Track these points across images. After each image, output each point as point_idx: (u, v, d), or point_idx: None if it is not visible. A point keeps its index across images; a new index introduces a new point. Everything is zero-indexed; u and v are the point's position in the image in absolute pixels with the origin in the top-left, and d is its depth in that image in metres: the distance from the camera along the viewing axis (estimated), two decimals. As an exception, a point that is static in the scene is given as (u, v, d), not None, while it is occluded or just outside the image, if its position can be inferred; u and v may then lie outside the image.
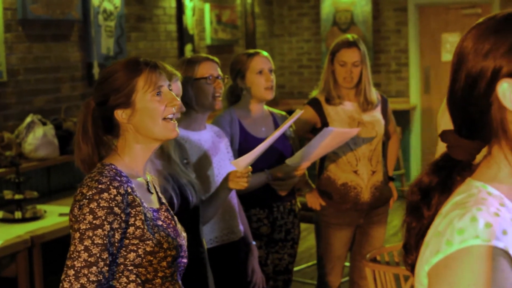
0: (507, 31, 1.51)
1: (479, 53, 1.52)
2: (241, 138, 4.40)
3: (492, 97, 1.50)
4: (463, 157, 1.57)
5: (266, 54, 4.57)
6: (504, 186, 1.51)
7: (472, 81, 1.52)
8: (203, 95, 3.96)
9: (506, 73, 1.49)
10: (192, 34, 9.03)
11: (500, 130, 1.50)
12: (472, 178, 1.55)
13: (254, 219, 4.48)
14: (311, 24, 11.15)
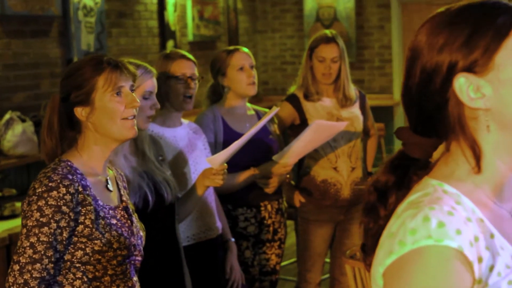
0: (462, 24, 1.47)
1: (433, 47, 1.48)
2: (225, 135, 4.35)
3: (449, 92, 1.46)
4: (419, 155, 1.54)
5: (246, 50, 4.52)
6: (462, 184, 1.48)
7: (427, 76, 1.48)
8: (174, 94, 3.92)
9: (463, 67, 1.45)
10: (174, 30, 8.98)
11: (458, 126, 1.47)
12: (429, 176, 1.51)
13: (241, 219, 4.43)
14: (294, 20, 11.12)
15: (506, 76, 1.44)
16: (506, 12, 1.48)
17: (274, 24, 11.24)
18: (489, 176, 1.49)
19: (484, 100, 1.45)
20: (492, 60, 1.44)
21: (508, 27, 1.46)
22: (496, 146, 1.47)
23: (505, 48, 1.45)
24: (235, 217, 4.39)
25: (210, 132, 4.28)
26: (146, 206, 3.23)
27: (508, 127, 1.46)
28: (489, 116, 1.45)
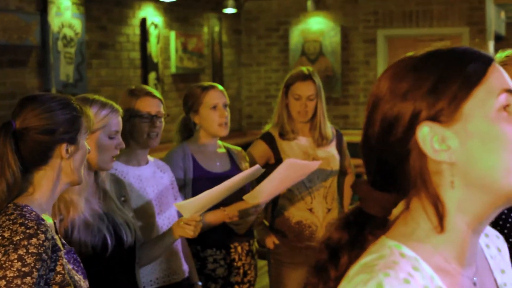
0: (429, 69, 1.34)
1: (396, 93, 1.35)
2: (195, 173, 4.21)
3: (411, 143, 1.33)
4: (377, 212, 1.39)
5: (221, 88, 4.38)
6: (421, 246, 1.34)
7: (388, 125, 1.34)
8: (138, 132, 3.79)
9: (427, 116, 1.32)
10: (157, 62, 8.88)
11: (420, 181, 1.33)
12: (386, 236, 1.36)
13: (210, 260, 4.26)
14: (280, 54, 11.05)
15: (474, 128, 1.31)
16: (477, 59, 1.37)
17: (259, 58, 11.16)
18: (451, 238, 1.35)
19: (449, 153, 1.31)
20: (459, 110, 1.32)
21: (479, 76, 1.34)
22: (459, 204, 1.34)
23: (474, 97, 1.33)
24: (204, 259, 4.23)
25: (180, 170, 4.14)
26: (105, 249, 3.09)
27: (473, 184, 1.32)
28: (454, 170, 1.32)
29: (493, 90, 1.33)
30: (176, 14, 9.39)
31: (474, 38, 10.36)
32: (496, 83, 1.34)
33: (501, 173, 1.30)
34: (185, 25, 9.63)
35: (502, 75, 1.37)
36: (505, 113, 1.33)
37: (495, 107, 1.32)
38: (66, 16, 7.36)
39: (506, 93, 1.34)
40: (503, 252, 1.53)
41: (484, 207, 1.34)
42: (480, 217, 1.36)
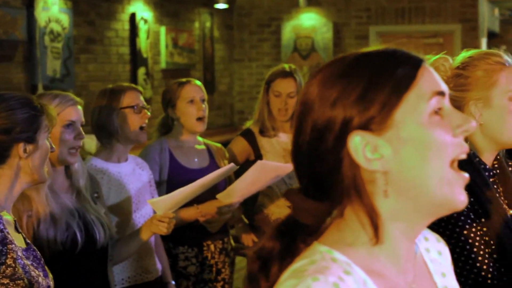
0: (358, 75, 1.29)
1: (326, 101, 1.29)
2: (171, 169, 4.18)
3: (343, 152, 1.28)
4: (309, 220, 1.33)
5: (198, 83, 4.36)
6: (354, 251, 1.30)
7: (318, 133, 1.30)
8: (129, 126, 3.76)
9: (358, 124, 1.27)
10: (146, 57, 8.84)
11: (353, 190, 1.28)
12: (318, 241, 1.32)
13: (181, 258, 4.22)
14: (272, 49, 11.01)
15: (406, 135, 1.27)
16: (407, 62, 1.31)
17: (251, 53, 11.12)
18: (385, 245, 1.31)
19: (382, 162, 1.27)
20: (391, 117, 1.27)
21: (409, 80, 1.29)
22: (394, 213, 1.30)
23: (405, 103, 1.28)
24: (176, 256, 4.20)
25: (156, 165, 4.11)
26: (75, 246, 3.06)
27: (407, 192, 1.29)
28: (388, 179, 1.28)
29: (424, 94, 1.29)
30: (167, 9, 9.35)
31: (466, 35, 10.33)
32: (427, 86, 1.30)
33: (434, 182, 1.27)
34: (176, 20, 9.59)
35: (433, 77, 1.32)
36: (438, 117, 1.29)
37: (427, 112, 1.28)
38: (53, 10, 7.31)
39: (437, 96, 1.30)
40: (444, 256, 1.51)
41: (418, 215, 1.32)
42: (415, 224, 1.33)
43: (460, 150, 1.30)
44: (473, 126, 1.30)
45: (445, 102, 1.32)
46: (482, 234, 2.41)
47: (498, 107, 2.46)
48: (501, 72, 2.47)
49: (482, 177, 2.46)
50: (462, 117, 1.31)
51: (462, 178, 1.30)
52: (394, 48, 1.35)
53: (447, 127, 1.29)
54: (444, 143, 1.27)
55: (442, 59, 2.56)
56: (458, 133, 1.29)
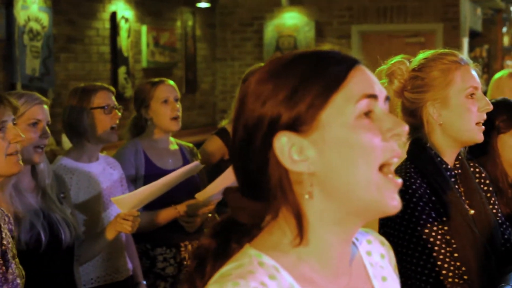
0: (290, 74, 1.28)
1: (258, 98, 1.28)
2: (146, 170, 4.16)
3: (270, 152, 1.27)
4: (247, 220, 1.32)
5: (172, 82, 4.34)
6: (284, 256, 1.29)
7: (249, 132, 1.29)
8: (100, 126, 3.75)
9: (285, 124, 1.26)
10: (127, 56, 8.82)
11: (279, 191, 1.27)
12: (250, 244, 1.31)
13: (160, 259, 4.20)
14: (254, 48, 11.01)
15: (332, 137, 1.26)
16: (339, 63, 1.30)
17: (233, 52, 11.12)
18: (315, 248, 1.30)
19: (308, 163, 1.26)
20: (317, 118, 1.26)
21: (338, 81, 1.27)
22: (321, 215, 1.29)
23: (332, 104, 1.26)
24: (154, 257, 4.18)
25: (131, 167, 4.09)
26: (39, 246, 3.05)
27: (334, 194, 1.27)
28: (314, 181, 1.27)
29: (352, 96, 1.27)
30: (148, 8, 9.34)
31: (448, 34, 10.36)
32: (357, 88, 1.28)
33: (361, 185, 1.26)
34: (157, 19, 9.57)
35: (366, 79, 1.30)
36: (367, 120, 1.27)
37: (354, 114, 1.27)
38: (32, 9, 7.29)
39: (367, 98, 1.28)
40: (387, 259, 1.49)
41: (346, 218, 1.30)
42: (347, 227, 1.32)
43: (391, 154, 1.28)
44: (405, 130, 1.28)
45: (378, 105, 1.30)
46: (443, 234, 2.42)
47: (455, 106, 2.49)
48: (457, 71, 2.50)
49: (443, 177, 2.48)
50: (394, 121, 1.29)
51: (394, 184, 1.28)
52: (329, 49, 1.34)
53: (376, 130, 1.27)
54: (371, 147, 1.26)
55: (399, 62, 2.58)
56: (388, 137, 1.27)
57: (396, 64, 2.59)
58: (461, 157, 2.59)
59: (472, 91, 2.50)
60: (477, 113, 2.49)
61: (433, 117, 2.50)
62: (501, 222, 2.68)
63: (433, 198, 2.43)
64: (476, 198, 2.56)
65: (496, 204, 2.70)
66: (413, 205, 2.38)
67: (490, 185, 2.72)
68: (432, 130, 2.52)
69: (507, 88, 5.17)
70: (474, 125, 2.49)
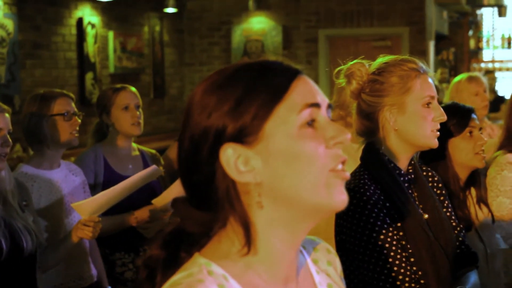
0: (234, 85, 1.30)
1: (203, 110, 1.31)
2: (106, 176, 4.17)
3: (216, 163, 1.29)
4: (196, 230, 1.34)
5: (133, 89, 4.36)
6: (232, 264, 1.31)
7: (195, 143, 1.31)
8: (60, 132, 3.75)
9: (231, 136, 1.28)
10: (94, 62, 8.80)
11: (226, 202, 1.29)
12: (199, 253, 1.33)
13: (119, 264, 4.22)
14: (222, 53, 11.03)
15: (276, 147, 1.28)
16: (281, 74, 1.32)
17: (201, 57, 11.13)
18: (264, 256, 1.32)
19: (254, 174, 1.28)
20: (262, 129, 1.28)
21: (281, 92, 1.30)
22: (270, 223, 1.31)
23: (276, 115, 1.29)
24: (112, 262, 4.20)
25: (91, 172, 4.11)
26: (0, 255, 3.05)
27: (282, 202, 1.30)
28: (261, 190, 1.29)
29: (295, 106, 1.30)
30: (115, 14, 9.32)
31: (414, 37, 10.44)
32: (299, 98, 1.30)
33: (307, 190, 1.28)
34: (124, 24, 9.56)
35: (308, 89, 1.33)
36: (310, 129, 1.30)
37: (297, 124, 1.29)
38: (-3, 16, 7.26)
39: (310, 108, 1.30)
40: (333, 266, 1.51)
41: (296, 223, 1.32)
42: (294, 233, 1.34)
43: (336, 161, 1.30)
44: (347, 138, 1.31)
45: (321, 114, 1.32)
46: (399, 239, 2.45)
47: (412, 113, 2.51)
48: (416, 79, 2.52)
49: (397, 182, 2.50)
50: (336, 129, 1.31)
51: (342, 176, 1.30)
52: (272, 60, 1.36)
53: (320, 139, 1.30)
54: (315, 155, 1.28)
55: (359, 64, 2.60)
56: (331, 144, 1.30)
57: (356, 66, 2.61)
58: (414, 162, 2.62)
59: (429, 100, 2.53)
60: (431, 122, 2.52)
61: (389, 122, 2.52)
62: (455, 225, 2.72)
63: (387, 204, 2.46)
64: (430, 202, 2.59)
65: (449, 207, 2.74)
66: (368, 212, 2.41)
67: (443, 188, 2.75)
68: (387, 135, 2.54)
69: (466, 91, 5.23)
70: (429, 132, 2.52)
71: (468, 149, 3.18)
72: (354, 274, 2.46)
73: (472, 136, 3.21)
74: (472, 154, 3.18)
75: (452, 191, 3.15)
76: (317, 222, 1.35)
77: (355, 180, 2.48)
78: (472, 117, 3.24)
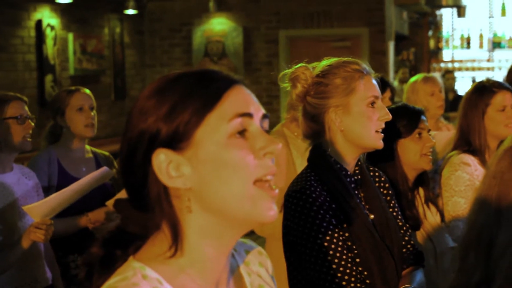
0: (172, 92, 1.34)
1: (141, 114, 1.35)
2: (59, 179, 4.18)
3: (150, 167, 1.33)
4: (136, 230, 1.38)
5: (87, 91, 4.38)
6: (166, 268, 1.34)
7: (132, 146, 1.35)
8: (13, 136, 3.76)
9: (164, 141, 1.32)
10: (54, 64, 8.77)
11: (157, 205, 1.33)
12: (134, 257, 1.36)
13: (72, 266, 4.23)
14: (183, 54, 11.04)
15: (205, 155, 1.32)
16: (216, 83, 1.36)
17: (162, 59, 11.13)
18: (195, 260, 1.36)
19: (184, 179, 1.32)
20: (193, 136, 1.32)
21: (213, 101, 1.34)
22: (200, 228, 1.35)
23: (207, 124, 1.33)
24: (66, 264, 4.20)
25: (44, 175, 4.11)
26: None
27: (210, 209, 1.33)
28: (191, 196, 1.33)
29: (226, 115, 1.33)
30: (74, 16, 9.29)
31: (374, 38, 10.52)
32: (230, 108, 1.34)
33: (235, 199, 1.32)
34: (84, 26, 9.53)
35: (242, 99, 1.36)
36: (240, 139, 1.33)
37: (227, 133, 1.32)
38: (-46, 18, 7.22)
39: (241, 117, 1.33)
40: (265, 267, 1.55)
41: (224, 231, 1.36)
42: (223, 240, 1.37)
43: (265, 171, 1.34)
44: (277, 148, 1.34)
45: (254, 124, 1.35)
46: (345, 240, 2.49)
47: (357, 113, 2.55)
48: (359, 80, 2.57)
49: (343, 183, 2.54)
50: (267, 139, 1.34)
51: (270, 194, 1.34)
52: (210, 69, 1.40)
53: (249, 148, 1.33)
54: (243, 164, 1.31)
55: (303, 68, 2.64)
56: (261, 155, 1.33)
57: (300, 69, 2.65)
58: (360, 163, 2.67)
59: (373, 100, 2.58)
60: (376, 122, 2.57)
61: (334, 123, 2.56)
62: (401, 225, 2.77)
63: (333, 205, 2.50)
64: (376, 203, 2.64)
65: (396, 207, 2.79)
66: (314, 213, 2.45)
67: (390, 188, 2.80)
68: (333, 136, 2.58)
69: (422, 91, 5.30)
70: (374, 133, 2.56)
71: (416, 150, 3.23)
72: (302, 275, 2.50)
73: (421, 138, 3.26)
74: (419, 155, 3.23)
75: (401, 191, 3.20)
76: (247, 231, 1.39)
77: (301, 182, 2.53)
78: (421, 119, 3.30)
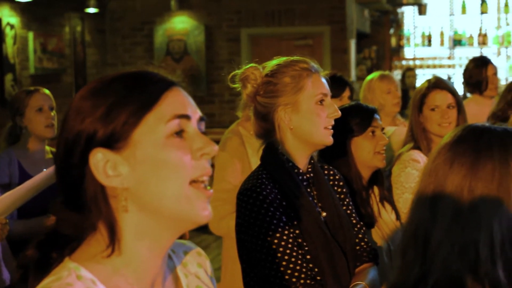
0: (109, 92, 1.36)
1: (78, 115, 1.36)
2: (20, 179, 4.15)
3: (86, 167, 1.34)
4: (70, 231, 1.38)
5: (47, 91, 4.36)
6: (101, 268, 1.35)
7: (69, 146, 1.36)
8: None
9: (101, 141, 1.34)
10: (13, 63, 8.71)
11: (93, 205, 1.34)
12: (69, 257, 1.37)
13: None
14: (145, 53, 11.02)
15: (142, 155, 1.33)
16: (155, 84, 1.38)
17: (124, 57, 11.09)
18: (131, 261, 1.37)
19: (121, 179, 1.34)
20: (131, 136, 1.34)
21: (151, 102, 1.36)
22: (137, 228, 1.36)
23: (144, 124, 1.34)
24: None
25: (5, 176, 4.09)
26: None
27: (147, 209, 1.35)
28: (128, 195, 1.34)
29: (164, 116, 1.35)
30: (35, 14, 9.23)
31: (335, 36, 10.58)
32: (168, 109, 1.36)
33: (171, 200, 1.34)
34: (45, 25, 9.48)
35: (180, 100, 1.38)
36: (178, 140, 1.35)
37: (164, 133, 1.34)
38: None
39: (178, 119, 1.35)
40: (204, 268, 1.57)
41: (160, 231, 1.37)
42: (159, 241, 1.39)
43: (201, 172, 1.36)
44: (214, 149, 1.36)
45: (191, 125, 1.38)
46: (295, 237, 2.51)
47: (306, 111, 2.58)
48: (307, 78, 2.60)
49: (294, 181, 2.57)
50: (204, 140, 1.37)
51: (205, 194, 1.36)
52: (148, 71, 1.42)
53: (186, 149, 1.35)
54: (180, 164, 1.34)
55: (252, 68, 2.67)
56: (198, 155, 1.36)
57: (250, 69, 2.68)
58: (313, 161, 2.70)
59: (321, 97, 2.61)
60: (325, 119, 2.60)
61: (284, 121, 2.59)
62: (355, 223, 2.80)
63: (284, 202, 2.53)
64: (329, 201, 2.67)
65: (350, 205, 2.81)
66: (264, 211, 2.47)
67: (344, 186, 2.83)
68: (283, 134, 2.61)
69: (378, 89, 5.34)
70: (323, 129, 2.59)
71: (369, 148, 3.26)
72: (254, 272, 2.53)
73: (374, 136, 3.29)
74: (373, 153, 3.27)
75: (355, 189, 3.23)
76: (183, 232, 1.40)
77: (253, 180, 2.55)
78: (374, 117, 3.33)
